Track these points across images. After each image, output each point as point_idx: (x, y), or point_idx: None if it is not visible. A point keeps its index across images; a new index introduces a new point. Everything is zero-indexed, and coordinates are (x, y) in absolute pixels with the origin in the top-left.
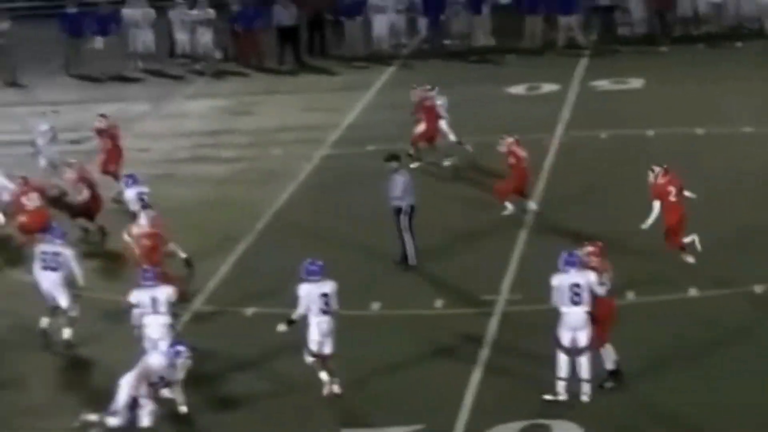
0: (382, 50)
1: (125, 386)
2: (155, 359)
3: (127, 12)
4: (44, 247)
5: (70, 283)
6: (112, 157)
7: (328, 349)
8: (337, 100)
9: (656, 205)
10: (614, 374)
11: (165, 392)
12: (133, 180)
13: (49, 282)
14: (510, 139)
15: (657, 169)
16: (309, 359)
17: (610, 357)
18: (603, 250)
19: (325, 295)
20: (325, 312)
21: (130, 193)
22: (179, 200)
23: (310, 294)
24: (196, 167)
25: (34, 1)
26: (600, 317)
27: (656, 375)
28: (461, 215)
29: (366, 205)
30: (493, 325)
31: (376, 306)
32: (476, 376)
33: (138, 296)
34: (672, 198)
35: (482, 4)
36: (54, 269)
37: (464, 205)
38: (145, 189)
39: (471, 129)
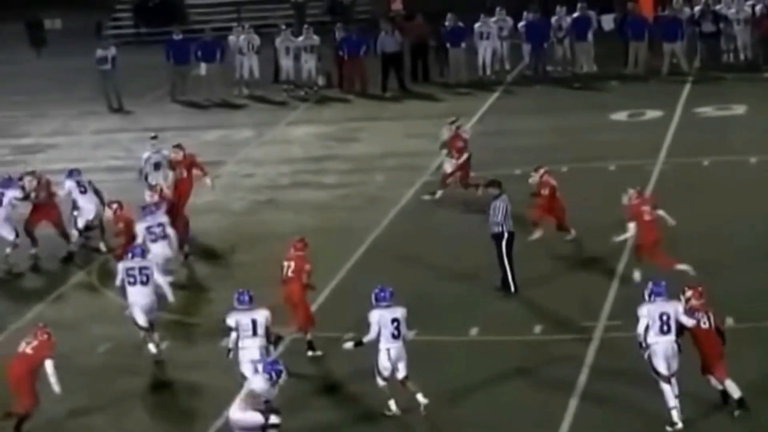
0: (485, 77)
1: (234, 413)
2: (258, 382)
3: (232, 39)
4: (129, 263)
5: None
6: (184, 189)
7: (402, 373)
8: (440, 126)
9: (631, 225)
10: (741, 403)
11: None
12: (147, 212)
13: (142, 296)
14: (542, 170)
15: (631, 191)
16: (381, 383)
17: (734, 386)
18: (703, 292)
19: (395, 320)
20: (395, 337)
21: (140, 227)
22: (281, 226)
23: (382, 319)
24: (298, 193)
25: (140, 27)
26: (709, 350)
27: (760, 402)
28: (560, 242)
29: (467, 231)
30: (591, 351)
31: (474, 331)
32: (573, 402)
33: (236, 319)
34: (646, 218)
35: (587, 30)
36: (144, 283)
37: (563, 232)
38: (154, 221)
39: (572, 156)
